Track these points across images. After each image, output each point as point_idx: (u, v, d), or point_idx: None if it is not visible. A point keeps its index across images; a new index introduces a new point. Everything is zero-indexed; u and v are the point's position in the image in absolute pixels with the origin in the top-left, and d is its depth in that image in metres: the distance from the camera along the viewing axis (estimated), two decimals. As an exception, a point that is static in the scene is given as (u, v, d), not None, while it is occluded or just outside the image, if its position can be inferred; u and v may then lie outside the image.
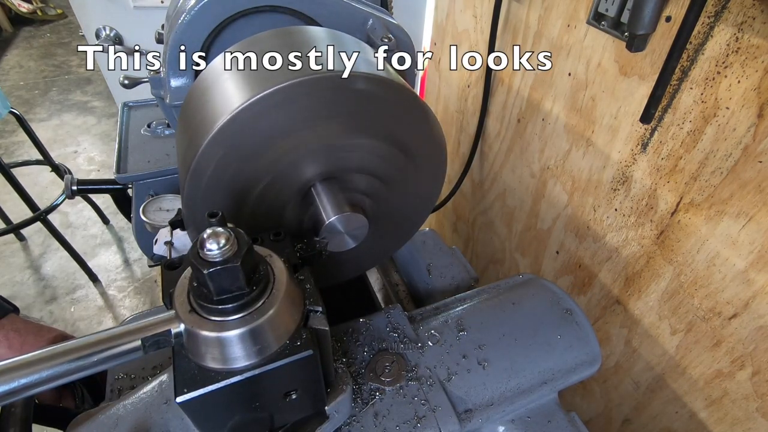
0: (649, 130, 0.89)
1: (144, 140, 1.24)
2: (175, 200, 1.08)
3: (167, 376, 0.56)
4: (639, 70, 0.88)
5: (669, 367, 0.99)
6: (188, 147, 0.52)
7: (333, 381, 0.53)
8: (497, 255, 1.61)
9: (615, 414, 1.20)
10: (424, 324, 0.71)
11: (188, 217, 0.56)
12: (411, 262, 1.00)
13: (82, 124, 3.62)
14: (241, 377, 0.39)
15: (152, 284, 2.40)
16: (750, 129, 0.72)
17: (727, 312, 0.83)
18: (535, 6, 1.11)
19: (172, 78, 0.77)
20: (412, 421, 0.58)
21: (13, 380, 0.34)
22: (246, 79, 0.51)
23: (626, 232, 1.01)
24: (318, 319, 0.44)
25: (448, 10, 1.52)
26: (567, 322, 0.72)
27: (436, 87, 1.76)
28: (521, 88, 1.24)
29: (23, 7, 5.04)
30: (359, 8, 0.80)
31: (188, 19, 0.71)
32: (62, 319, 2.21)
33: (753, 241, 0.76)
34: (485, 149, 1.50)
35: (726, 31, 0.72)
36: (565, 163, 1.15)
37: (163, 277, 0.44)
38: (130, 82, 1.09)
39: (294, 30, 0.60)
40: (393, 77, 0.56)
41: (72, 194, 1.36)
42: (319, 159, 0.56)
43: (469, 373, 0.64)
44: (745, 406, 0.85)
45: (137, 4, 1.89)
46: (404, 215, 0.72)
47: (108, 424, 0.52)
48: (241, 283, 0.38)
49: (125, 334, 0.39)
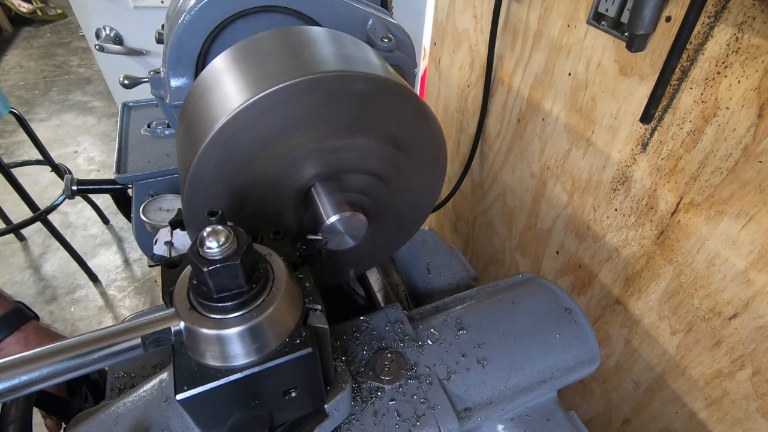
0: (649, 130, 0.90)
1: (144, 140, 1.24)
2: (175, 200, 1.08)
3: (167, 375, 0.56)
4: (639, 70, 0.88)
5: (669, 367, 0.99)
6: (188, 147, 0.52)
7: (332, 379, 0.53)
8: (497, 255, 1.61)
9: (615, 414, 1.20)
10: (424, 323, 0.71)
11: (188, 217, 0.56)
12: (411, 261, 1.00)
13: (82, 124, 3.63)
14: (241, 375, 0.39)
15: (152, 284, 2.40)
16: (750, 129, 0.72)
17: (727, 312, 0.83)
18: (535, 6, 1.11)
19: (172, 78, 0.77)
20: (412, 420, 0.58)
21: (13, 377, 0.34)
22: (246, 79, 0.51)
23: (626, 232, 1.01)
24: (317, 317, 0.44)
25: (448, 10, 1.52)
26: (566, 321, 0.72)
27: (436, 87, 1.76)
28: (521, 88, 1.24)
29: (23, 7, 5.05)
30: (359, 8, 0.80)
31: (188, 19, 0.71)
32: (62, 319, 2.21)
33: (753, 241, 0.76)
34: (485, 149, 1.50)
35: (726, 31, 0.72)
36: (565, 163, 1.15)
37: (163, 275, 0.44)
38: (130, 82, 1.09)
39: (294, 30, 0.60)
40: (393, 77, 0.56)
41: (72, 194, 1.36)
42: (319, 159, 0.56)
43: (469, 372, 0.64)
44: (745, 406, 0.85)
45: (137, 4, 1.89)
46: (404, 215, 0.72)
47: (108, 422, 0.52)
48: (241, 281, 0.38)
49: (125, 332, 0.39)
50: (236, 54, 0.57)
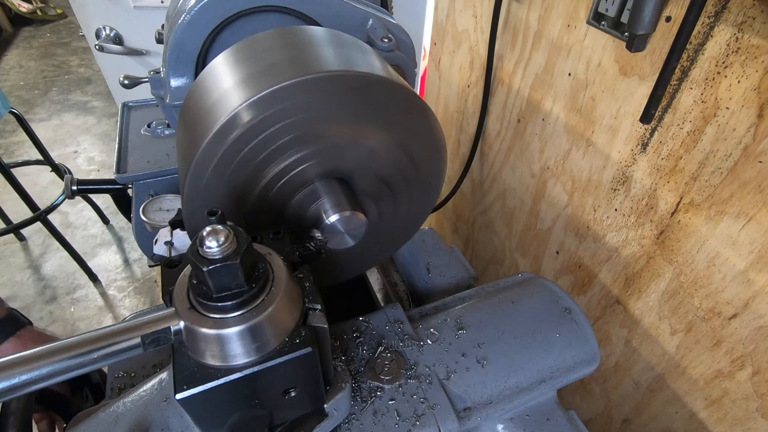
0: (649, 130, 0.90)
1: (144, 140, 1.24)
2: (175, 200, 1.08)
3: (167, 374, 0.56)
4: (639, 70, 0.88)
5: (669, 367, 0.99)
6: (188, 147, 0.52)
7: (332, 379, 0.53)
8: (497, 255, 1.61)
9: (615, 414, 1.20)
10: (424, 322, 0.71)
11: (188, 217, 0.56)
12: (410, 261, 1.00)
13: (82, 124, 3.63)
14: (241, 374, 0.39)
15: (152, 284, 2.40)
16: (750, 129, 0.72)
17: (727, 312, 0.83)
18: (535, 6, 1.11)
19: (172, 78, 0.77)
20: (411, 420, 0.58)
21: (13, 376, 0.34)
22: (246, 79, 0.51)
23: (626, 232, 1.01)
24: (317, 317, 0.44)
25: (448, 10, 1.52)
26: (566, 321, 0.72)
27: (436, 87, 1.76)
28: (521, 88, 1.24)
29: (23, 7, 5.05)
30: (359, 8, 0.80)
31: (188, 19, 0.71)
32: (62, 319, 2.21)
33: (753, 241, 0.76)
34: (485, 149, 1.50)
35: (726, 31, 0.72)
36: (565, 163, 1.15)
37: (163, 275, 0.44)
38: (130, 82, 1.09)
39: (294, 30, 0.60)
40: (393, 77, 0.56)
41: (72, 194, 1.36)
42: (318, 159, 0.56)
43: (468, 372, 0.64)
44: (745, 406, 0.85)
45: (137, 4, 1.89)
46: (404, 215, 0.72)
47: (108, 421, 0.52)
48: (241, 280, 0.38)
49: (125, 331, 0.39)
50: (236, 54, 0.57)
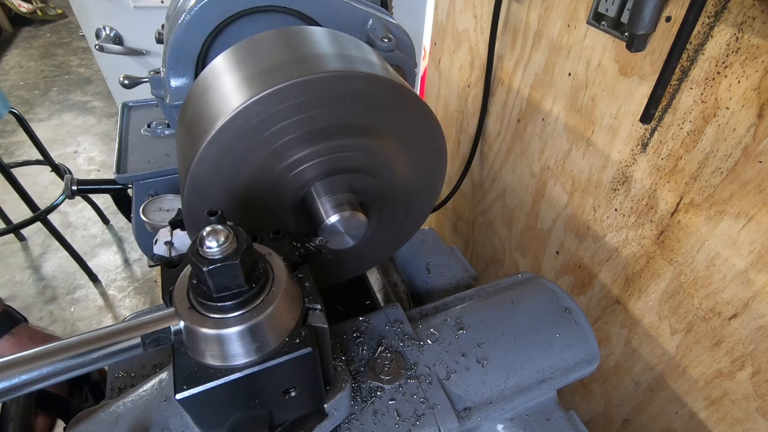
0: (649, 130, 0.90)
1: (144, 140, 1.24)
2: (175, 200, 1.08)
3: (167, 374, 0.56)
4: (639, 70, 0.88)
5: (669, 367, 0.99)
6: (188, 147, 0.52)
7: (332, 379, 0.53)
8: (497, 255, 1.61)
9: (615, 414, 1.20)
10: (424, 322, 0.71)
11: (188, 217, 0.56)
12: (410, 261, 1.00)
13: (82, 124, 3.63)
14: (241, 374, 0.39)
15: (152, 284, 2.40)
16: (750, 129, 0.72)
17: (727, 312, 0.83)
18: (535, 6, 1.11)
19: (172, 78, 0.77)
20: (411, 420, 0.58)
21: (13, 376, 0.34)
22: (246, 80, 0.51)
23: (626, 232, 1.01)
24: (317, 316, 0.44)
25: (448, 10, 1.52)
26: (566, 321, 0.72)
27: (436, 87, 1.76)
28: (521, 88, 1.24)
29: (23, 7, 5.05)
30: (359, 8, 0.80)
31: (188, 19, 0.71)
32: (62, 319, 2.21)
33: (753, 241, 0.76)
34: (485, 149, 1.50)
35: (726, 31, 0.72)
36: (565, 163, 1.15)
37: (163, 275, 0.44)
38: (130, 82, 1.09)
39: (294, 30, 0.60)
40: (393, 77, 0.56)
41: (72, 194, 1.37)
42: (319, 159, 0.56)
43: (468, 372, 0.64)
44: (745, 406, 0.85)
45: (137, 4, 1.89)
46: (404, 215, 0.72)
47: (108, 421, 0.52)
48: (241, 280, 0.38)
49: (125, 331, 0.39)
50: (236, 54, 0.57)
